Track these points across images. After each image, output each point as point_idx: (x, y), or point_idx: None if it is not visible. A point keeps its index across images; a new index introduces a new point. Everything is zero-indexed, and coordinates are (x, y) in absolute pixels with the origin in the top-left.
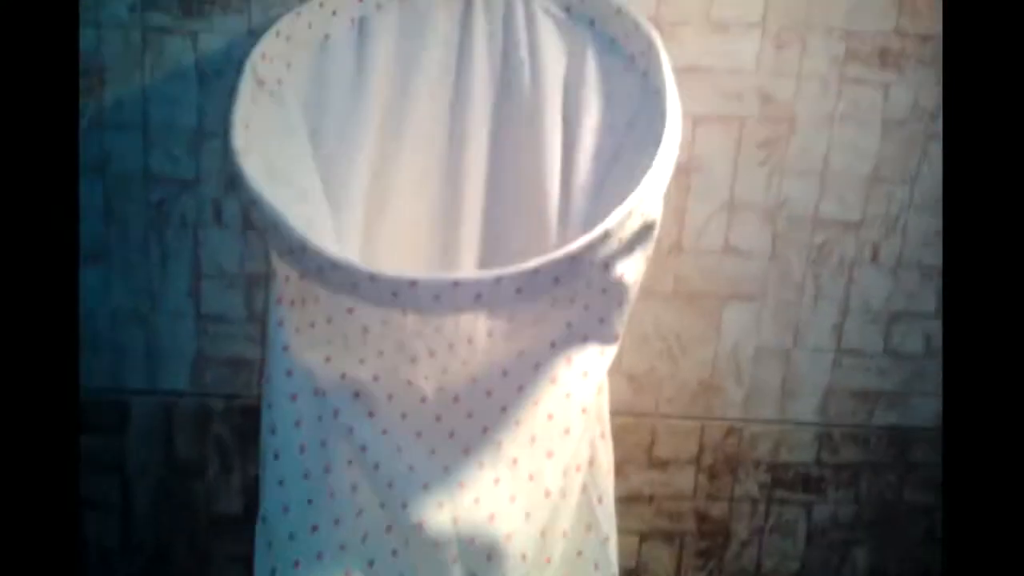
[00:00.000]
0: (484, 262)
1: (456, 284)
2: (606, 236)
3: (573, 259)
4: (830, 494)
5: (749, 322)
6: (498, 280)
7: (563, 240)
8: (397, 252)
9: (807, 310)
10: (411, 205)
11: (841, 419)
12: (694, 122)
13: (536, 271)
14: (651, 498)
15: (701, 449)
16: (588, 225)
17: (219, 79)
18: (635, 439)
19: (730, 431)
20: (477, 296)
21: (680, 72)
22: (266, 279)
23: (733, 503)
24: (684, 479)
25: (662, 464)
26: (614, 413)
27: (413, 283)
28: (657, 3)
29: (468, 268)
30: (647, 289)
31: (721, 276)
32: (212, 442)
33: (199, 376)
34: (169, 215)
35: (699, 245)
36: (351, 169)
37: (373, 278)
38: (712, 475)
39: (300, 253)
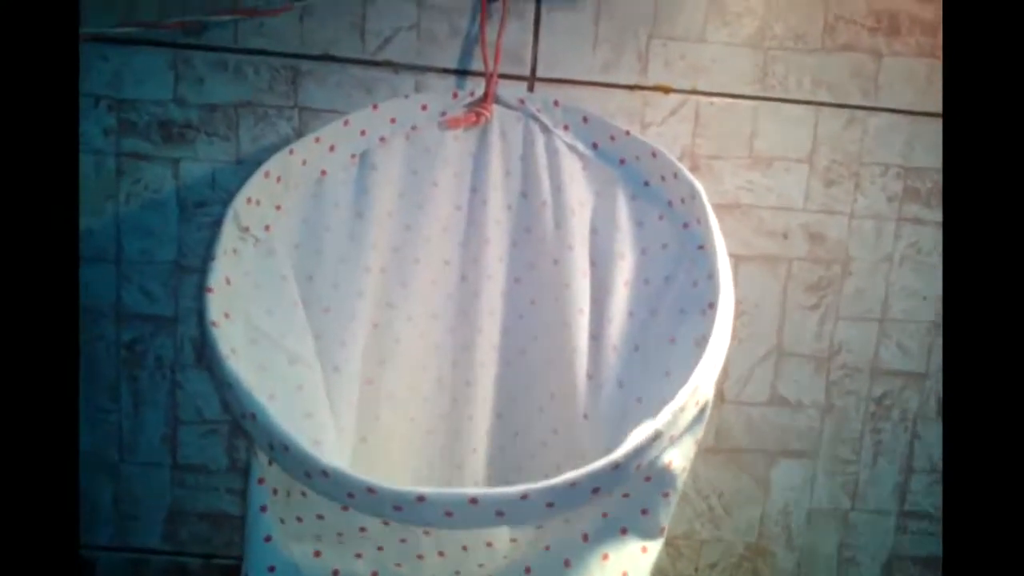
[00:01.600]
0: (499, 417)
1: (474, 501)
2: (657, 437)
3: (617, 467)
4: None
5: (801, 481)
6: (524, 496)
7: (594, 401)
8: (399, 409)
9: (866, 468)
10: (417, 358)
11: None
12: (735, 262)
13: (572, 484)
14: None
15: None
16: (622, 388)
17: (201, 210)
18: None
19: None
20: (499, 514)
21: (719, 209)
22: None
23: None
24: None
25: None
26: None
27: (421, 498)
28: (693, 136)
29: (481, 423)
30: None
31: (768, 430)
32: None
33: (174, 532)
34: (143, 356)
35: (743, 395)
36: (349, 321)
37: (373, 491)
38: None
39: (282, 452)
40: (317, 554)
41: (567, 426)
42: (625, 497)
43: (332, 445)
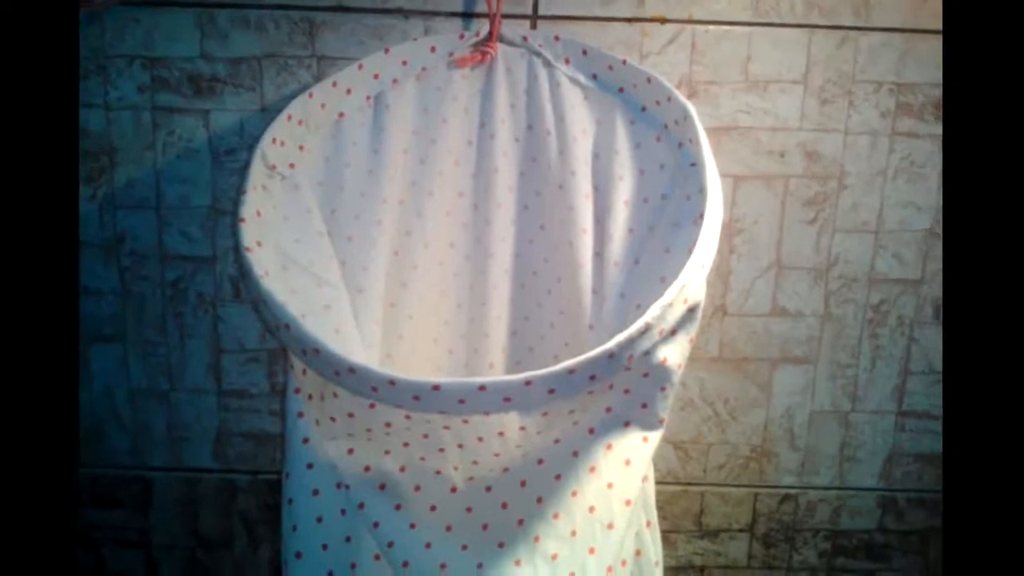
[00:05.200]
0: (514, 334)
1: (483, 388)
2: (647, 329)
3: (611, 356)
4: (896, 561)
5: (802, 385)
6: (528, 383)
7: (598, 312)
8: (421, 329)
9: (865, 372)
10: (435, 281)
11: (906, 483)
12: (735, 182)
13: (571, 371)
14: (702, 569)
15: (755, 517)
16: (624, 299)
17: (231, 157)
18: (683, 508)
19: (786, 498)
20: (506, 399)
21: (718, 132)
22: (287, 354)
23: (791, 573)
24: (737, 548)
25: (713, 533)
26: (660, 482)
27: (436, 387)
28: (690, 63)
29: (497, 341)
30: (691, 353)
31: (770, 339)
32: (238, 518)
33: (222, 452)
34: (186, 293)
35: (745, 307)
36: (371, 248)
37: (393, 383)
38: (768, 544)
39: (314, 356)
40: (350, 451)
41: (576, 338)
42: (627, 393)
43: (360, 358)
